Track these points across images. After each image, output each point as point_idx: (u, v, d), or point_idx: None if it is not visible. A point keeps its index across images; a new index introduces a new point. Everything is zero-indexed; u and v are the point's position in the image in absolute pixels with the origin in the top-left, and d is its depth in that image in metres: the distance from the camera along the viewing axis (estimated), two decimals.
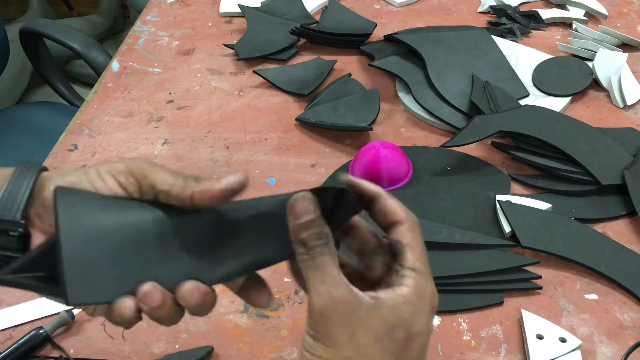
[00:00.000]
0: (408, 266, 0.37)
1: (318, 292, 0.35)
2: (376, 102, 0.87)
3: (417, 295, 0.37)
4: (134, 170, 0.38)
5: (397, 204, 0.39)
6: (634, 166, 0.72)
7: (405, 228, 0.39)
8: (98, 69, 1.16)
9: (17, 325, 0.63)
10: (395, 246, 0.39)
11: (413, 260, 0.38)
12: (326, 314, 0.34)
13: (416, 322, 0.36)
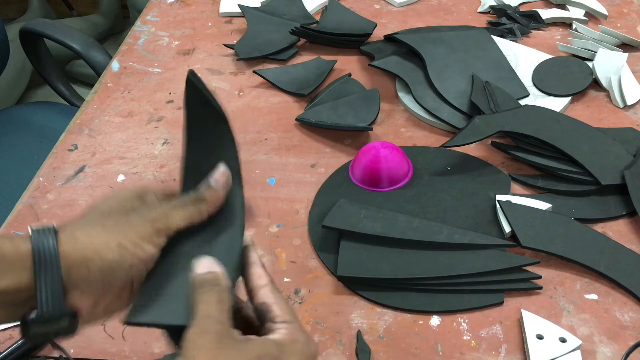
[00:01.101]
0: (280, 320, 0.41)
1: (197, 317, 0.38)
2: (376, 102, 0.87)
3: (290, 340, 0.39)
4: (161, 228, 0.41)
5: (262, 271, 0.44)
6: (634, 166, 0.72)
7: (269, 289, 0.43)
8: (98, 69, 1.16)
9: (17, 325, 0.63)
10: (261, 308, 0.42)
11: (282, 315, 0.41)
12: (193, 339, 0.37)
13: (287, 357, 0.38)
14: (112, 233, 0.39)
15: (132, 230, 0.40)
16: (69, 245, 0.38)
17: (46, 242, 0.37)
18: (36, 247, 0.37)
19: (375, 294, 0.63)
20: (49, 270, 0.37)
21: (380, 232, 0.66)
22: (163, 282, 0.42)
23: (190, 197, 0.43)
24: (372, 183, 0.75)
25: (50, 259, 0.37)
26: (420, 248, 0.65)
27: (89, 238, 0.39)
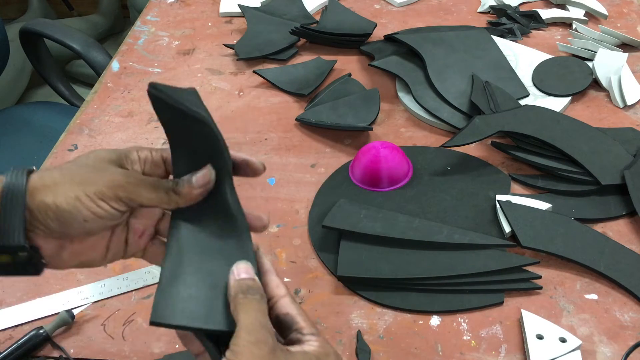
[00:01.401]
0: (307, 332, 0.41)
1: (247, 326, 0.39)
2: (376, 102, 0.87)
3: (324, 353, 0.41)
4: (122, 196, 0.42)
5: (279, 280, 0.44)
6: (634, 166, 0.72)
7: (289, 300, 0.43)
8: (98, 69, 1.16)
9: (17, 325, 0.63)
10: (284, 318, 0.42)
11: (309, 327, 0.42)
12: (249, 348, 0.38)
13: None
14: (75, 186, 0.40)
15: (92, 187, 0.41)
16: (35, 188, 0.40)
17: (17, 180, 0.40)
18: (7, 184, 0.40)
19: (375, 294, 0.63)
20: (14, 205, 0.39)
21: (380, 232, 0.66)
22: (181, 285, 0.42)
23: (167, 184, 0.43)
24: (372, 183, 0.75)
25: (16, 195, 0.39)
26: (420, 248, 0.65)
27: (54, 186, 0.40)
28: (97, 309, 0.65)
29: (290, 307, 0.43)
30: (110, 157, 0.43)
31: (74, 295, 0.66)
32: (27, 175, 0.40)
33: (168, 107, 0.42)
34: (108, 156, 0.43)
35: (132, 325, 0.63)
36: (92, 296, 0.65)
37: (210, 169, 0.44)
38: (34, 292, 0.66)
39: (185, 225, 0.45)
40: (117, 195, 0.41)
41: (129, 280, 0.67)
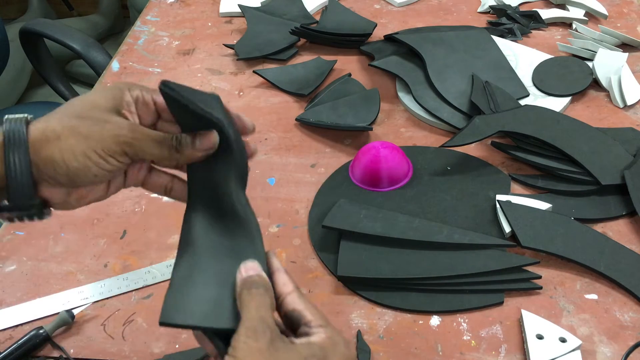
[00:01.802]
0: (315, 324, 0.41)
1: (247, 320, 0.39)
2: (376, 102, 0.87)
3: (331, 343, 0.40)
4: (128, 151, 0.42)
5: (287, 278, 0.44)
6: (634, 166, 0.72)
7: (296, 295, 0.43)
8: (98, 69, 1.16)
9: (17, 325, 0.63)
10: (292, 315, 0.42)
11: (317, 319, 0.42)
12: (247, 342, 0.38)
13: (331, 354, 0.40)
14: (81, 141, 0.41)
15: (100, 143, 0.41)
16: (39, 142, 0.40)
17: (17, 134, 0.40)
18: (7, 138, 0.39)
19: (375, 294, 0.63)
20: (20, 162, 0.40)
21: (380, 232, 0.66)
22: (193, 285, 0.42)
23: (171, 142, 0.44)
24: (372, 183, 0.75)
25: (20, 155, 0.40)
26: (420, 248, 0.65)
27: (57, 140, 0.40)
28: (97, 309, 0.65)
29: (297, 303, 0.43)
30: (107, 104, 0.43)
31: (74, 295, 0.66)
32: (26, 125, 0.40)
33: (180, 106, 0.43)
34: (105, 104, 0.43)
35: (132, 325, 0.63)
36: (92, 296, 0.66)
37: (215, 135, 0.44)
38: (34, 292, 0.66)
39: (198, 225, 0.45)
40: (123, 151, 0.42)
41: (129, 280, 0.67)
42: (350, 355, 0.42)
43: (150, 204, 0.77)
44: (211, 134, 0.44)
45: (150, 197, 0.77)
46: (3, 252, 0.71)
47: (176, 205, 0.75)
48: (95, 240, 0.72)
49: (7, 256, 0.71)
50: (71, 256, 0.71)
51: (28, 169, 0.40)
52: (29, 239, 0.73)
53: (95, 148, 0.41)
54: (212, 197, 0.46)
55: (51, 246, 0.72)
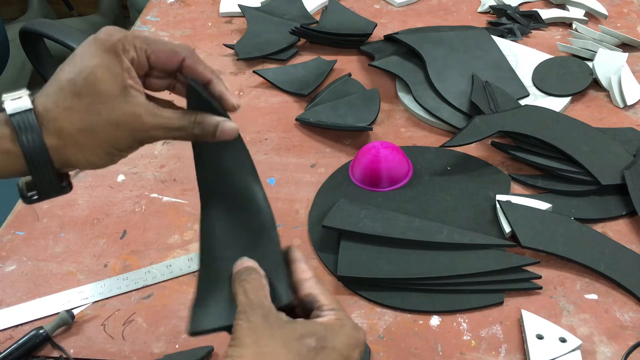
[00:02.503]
0: (327, 307, 0.42)
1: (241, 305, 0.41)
2: (376, 102, 0.87)
3: (338, 324, 0.41)
4: (146, 141, 0.43)
5: (305, 266, 0.45)
6: (634, 166, 0.72)
7: (313, 282, 0.44)
8: None
9: (17, 325, 0.63)
10: (306, 299, 0.43)
11: (329, 303, 0.43)
12: (240, 323, 0.39)
13: (332, 338, 0.40)
14: (100, 142, 0.41)
15: (122, 143, 0.42)
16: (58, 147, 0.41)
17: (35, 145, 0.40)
18: (27, 152, 0.40)
19: (375, 294, 0.63)
20: (46, 173, 0.41)
21: (380, 232, 0.66)
22: (213, 290, 0.44)
23: (192, 131, 0.44)
24: (372, 183, 0.75)
25: (43, 162, 0.41)
26: (420, 248, 0.65)
27: (77, 145, 0.41)
28: (97, 309, 0.65)
29: (313, 288, 0.44)
30: (115, 85, 0.41)
31: (74, 295, 0.66)
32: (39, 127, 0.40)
33: (200, 100, 0.45)
34: (113, 86, 0.41)
35: (132, 325, 0.63)
36: (92, 296, 0.65)
37: (236, 128, 0.45)
38: (34, 292, 0.66)
39: (215, 220, 0.47)
40: (142, 142, 0.43)
41: (129, 280, 0.67)
42: (358, 338, 0.42)
43: (150, 204, 0.77)
44: (233, 127, 0.45)
45: (150, 197, 0.77)
46: (3, 252, 0.71)
47: (176, 205, 0.76)
48: (95, 240, 0.72)
49: (7, 256, 0.71)
50: (71, 256, 0.71)
51: (52, 171, 0.41)
52: (29, 239, 0.73)
53: (116, 145, 0.42)
54: (225, 185, 0.47)
55: (51, 246, 0.72)
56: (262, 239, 0.46)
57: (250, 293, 0.41)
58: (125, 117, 0.41)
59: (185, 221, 0.74)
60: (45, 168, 0.41)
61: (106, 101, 0.41)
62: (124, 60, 0.42)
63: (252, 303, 0.40)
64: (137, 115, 0.41)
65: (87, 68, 0.40)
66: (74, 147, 0.41)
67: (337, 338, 0.40)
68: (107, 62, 0.41)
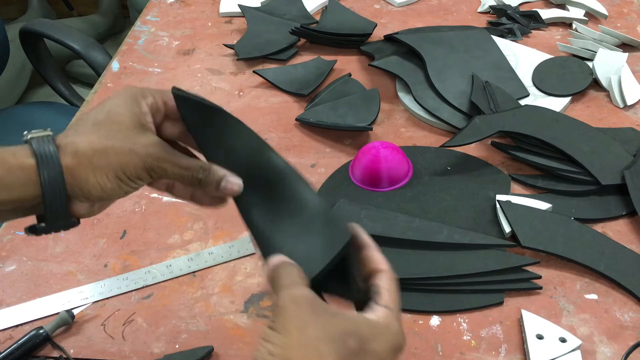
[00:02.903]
0: (382, 304, 0.41)
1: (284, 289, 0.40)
2: (376, 102, 0.87)
3: (384, 325, 0.40)
4: (155, 175, 0.45)
5: (381, 256, 0.45)
6: (634, 166, 0.72)
7: (386, 276, 0.44)
8: (98, 69, 1.16)
9: (17, 325, 0.63)
10: (373, 288, 0.43)
11: (388, 301, 0.42)
12: (286, 306, 0.38)
13: (374, 340, 0.38)
14: (113, 164, 0.43)
15: (132, 169, 0.43)
16: (73, 167, 0.42)
17: (50, 157, 0.41)
18: (41, 160, 0.41)
19: None
20: (55, 187, 0.42)
21: (380, 232, 0.66)
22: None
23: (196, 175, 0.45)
24: (372, 183, 0.75)
25: (57, 187, 0.42)
26: (420, 248, 0.65)
27: (90, 165, 0.42)
28: (97, 309, 0.65)
29: (383, 281, 0.43)
30: (132, 121, 0.44)
31: (74, 295, 0.66)
32: (57, 148, 0.42)
33: (188, 105, 0.46)
34: (130, 121, 0.44)
35: (132, 325, 0.63)
36: (92, 296, 0.66)
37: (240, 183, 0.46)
38: (34, 292, 0.66)
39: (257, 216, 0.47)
40: (151, 174, 0.45)
41: (129, 280, 0.67)
42: (399, 344, 0.40)
43: (150, 204, 0.77)
44: (237, 181, 0.46)
45: (150, 197, 0.77)
46: (3, 252, 0.71)
47: (176, 205, 0.76)
48: (95, 240, 0.72)
49: (7, 256, 0.71)
50: (71, 256, 0.71)
51: (64, 192, 0.42)
52: (29, 239, 0.73)
53: (127, 172, 0.43)
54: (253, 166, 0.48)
55: (51, 246, 0.72)
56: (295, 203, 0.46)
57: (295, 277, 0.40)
58: (138, 145, 0.43)
59: (185, 221, 0.74)
60: (58, 197, 0.42)
61: (123, 130, 0.44)
62: (143, 105, 0.46)
63: (299, 286, 0.40)
64: (149, 146, 0.44)
65: (108, 106, 0.45)
66: (88, 168, 0.42)
67: (378, 340, 0.39)
68: (127, 104, 0.45)
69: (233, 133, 0.48)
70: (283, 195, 0.47)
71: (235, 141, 0.48)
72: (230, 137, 0.48)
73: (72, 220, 0.44)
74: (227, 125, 0.48)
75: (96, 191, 0.43)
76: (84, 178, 0.42)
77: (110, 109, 0.44)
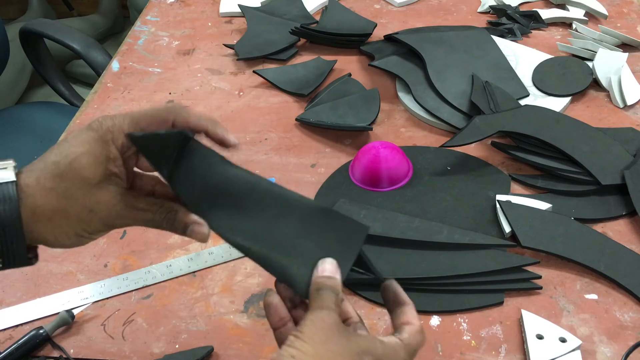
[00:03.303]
0: (403, 338, 0.43)
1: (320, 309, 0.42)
2: (376, 102, 0.87)
3: (395, 348, 0.42)
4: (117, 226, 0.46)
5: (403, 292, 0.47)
6: (634, 166, 0.72)
7: (410, 308, 0.46)
8: (98, 69, 1.16)
9: (17, 325, 0.63)
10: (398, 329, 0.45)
11: (409, 337, 0.44)
12: (315, 321, 0.41)
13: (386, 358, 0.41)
14: (72, 224, 0.43)
15: (92, 225, 0.44)
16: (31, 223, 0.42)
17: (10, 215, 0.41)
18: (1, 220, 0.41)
19: (375, 294, 0.63)
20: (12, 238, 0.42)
21: (380, 232, 0.66)
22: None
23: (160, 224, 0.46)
24: (372, 183, 0.75)
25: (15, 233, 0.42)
26: (420, 248, 0.65)
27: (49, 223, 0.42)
28: (97, 309, 0.65)
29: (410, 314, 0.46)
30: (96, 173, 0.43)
31: (74, 295, 0.66)
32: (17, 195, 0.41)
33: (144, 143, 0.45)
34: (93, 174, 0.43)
35: (132, 325, 0.63)
36: (92, 296, 0.66)
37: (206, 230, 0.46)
38: (33, 292, 0.66)
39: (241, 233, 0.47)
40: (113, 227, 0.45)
41: (129, 280, 0.67)
42: None
43: None
44: (203, 230, 0.46)
45: None
46: None
47: None
48: (95, 240, 0.72)
49: None
50: (71, 256, 0.71)
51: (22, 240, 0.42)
52: None
53: (86, 228, 0.44)
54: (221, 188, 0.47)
55: None
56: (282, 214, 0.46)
57: (331, 301, 0.42)
58: (100, 204, 0.43)
59: None
60: (15, 239, 0.42)
61: (84, 187, 0.43)
62: (111, 149, 0.44)
63: (332, 310, 0.42)
64: (111, 205, 0.44)
65: (73, 153, 0.43)
66: (46, 226, 0.42)
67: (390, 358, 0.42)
68: (93, 151, 0.43)
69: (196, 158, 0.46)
70: (262, 204, 0.46)
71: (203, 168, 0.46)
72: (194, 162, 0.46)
73: (31, 259, 0.44)
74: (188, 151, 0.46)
75: (54, 245, 0.44)
76: (42, 234, 0.43)
77: (74, 158, 0.43)
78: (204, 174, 0.46)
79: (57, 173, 0.42)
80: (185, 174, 0.46)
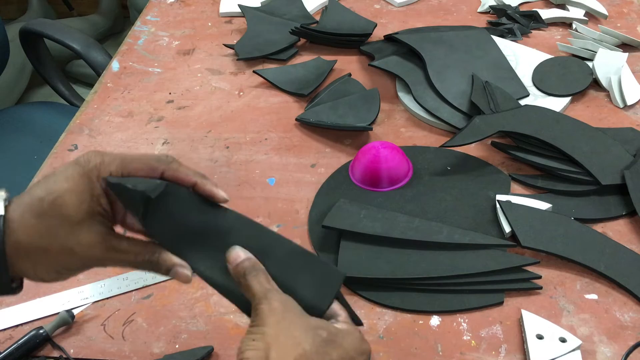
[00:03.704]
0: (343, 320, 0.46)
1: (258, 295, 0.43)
2: (376, 102, 0.87)
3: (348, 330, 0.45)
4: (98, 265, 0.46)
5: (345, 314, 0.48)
6: (634, 166, 0.72)
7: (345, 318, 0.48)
8: (98, 69, 1.16)
9: (17, 325, 0.63)
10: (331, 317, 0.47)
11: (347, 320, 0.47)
12: (263, 309, 0.43)
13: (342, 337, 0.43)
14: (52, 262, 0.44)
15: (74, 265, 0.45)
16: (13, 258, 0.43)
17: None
18: None
19: (375, 294, 0.63)
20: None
21: (380, 232, 0.66)
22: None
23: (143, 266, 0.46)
24: (372, 183, 0.75)
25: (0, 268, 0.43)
26: (420, 248, 0.65)
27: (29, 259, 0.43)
28: (97, 309, 0.65)
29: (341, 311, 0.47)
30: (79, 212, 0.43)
31: (74, 295, 0.66)
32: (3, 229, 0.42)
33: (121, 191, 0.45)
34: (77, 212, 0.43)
35: (132, 325, 0.63)
36: (92, 296, 0.66)
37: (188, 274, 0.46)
38: (34, 292, 0.66)
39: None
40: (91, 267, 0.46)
41: (129, 280, 0.67)
42: (364, 348, 0.45)
43: None
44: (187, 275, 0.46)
45: None
46: None
47: None
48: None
49: None
50: None
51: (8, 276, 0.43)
52: None
53: (65, 267, 0.44)
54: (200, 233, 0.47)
55: None
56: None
57: (265, 284, 0.44)
58: (80, 245, 0.43)
59: None
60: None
61: (66, 225, 0.43)
62: (96, 187, 0.44)
63: (271, 291, 0.44)
64: (92, 246, 0.44)
65: (57, 191, 0.43)
66: (27, 262, 0.43)
67: (345, 339, 0.43)
68: (78, 188, 0.43)
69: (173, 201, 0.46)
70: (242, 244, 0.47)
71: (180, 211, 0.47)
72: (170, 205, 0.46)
73: (15, 289, 0.45)
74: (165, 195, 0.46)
75: (35, 279, 0.44)
76: (23, 270, 0.43)
77: (57, 196, 0.43)
78: (181, 217, 0.47)
79: (40, 211, 0.43)
80: (161, 216, 0.46)
